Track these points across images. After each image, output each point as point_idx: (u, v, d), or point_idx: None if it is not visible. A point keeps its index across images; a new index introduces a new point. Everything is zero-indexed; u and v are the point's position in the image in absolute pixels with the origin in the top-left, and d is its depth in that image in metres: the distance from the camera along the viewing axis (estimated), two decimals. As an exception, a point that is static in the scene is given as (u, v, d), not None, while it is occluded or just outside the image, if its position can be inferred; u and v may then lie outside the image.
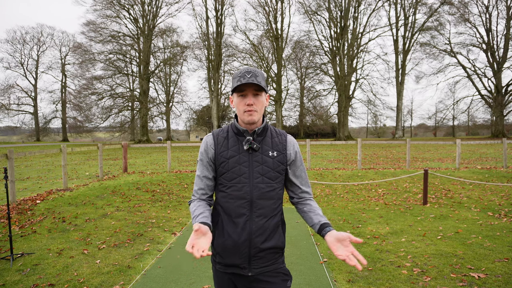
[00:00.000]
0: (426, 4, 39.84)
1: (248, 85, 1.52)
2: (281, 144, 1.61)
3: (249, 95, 1.53)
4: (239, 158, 1.55)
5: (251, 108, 1.52)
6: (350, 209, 6.97)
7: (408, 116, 59.02)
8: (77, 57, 44.99)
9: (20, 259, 4.16)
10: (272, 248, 1.56)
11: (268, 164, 1.56)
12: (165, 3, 40.29)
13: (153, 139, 51.62)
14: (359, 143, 11.31)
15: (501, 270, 3.67)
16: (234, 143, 1.58)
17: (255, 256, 1.54)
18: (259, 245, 1.53)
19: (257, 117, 1.54)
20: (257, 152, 1.56)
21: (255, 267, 1.55)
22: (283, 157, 1.59)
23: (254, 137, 1.57)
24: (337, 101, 41.54)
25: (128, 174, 10.71)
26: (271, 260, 1.58)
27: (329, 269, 3.88)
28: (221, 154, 1.57)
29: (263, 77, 1.57)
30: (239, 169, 1.54)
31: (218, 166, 1.57)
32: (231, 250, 1.54)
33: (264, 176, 1.55)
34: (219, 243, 1.57)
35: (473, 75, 39.70)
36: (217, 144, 1.59)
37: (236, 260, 1.54)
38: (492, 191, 8.08)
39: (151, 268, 3.96)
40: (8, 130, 57.70)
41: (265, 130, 1.61)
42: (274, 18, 39.85)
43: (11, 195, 6.46)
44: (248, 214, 1.53)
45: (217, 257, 1.60)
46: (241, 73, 1.53)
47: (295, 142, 1.66)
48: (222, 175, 1.57)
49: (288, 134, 1.68)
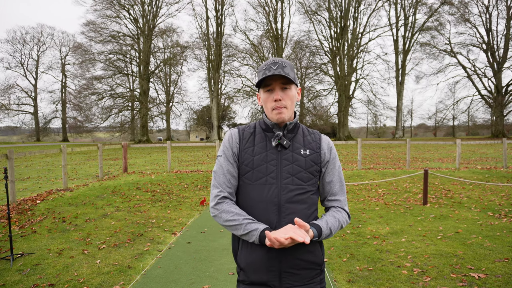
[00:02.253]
0: (426, 4, 39.88)
1: (275, 78, 1.34)
2: (314, 142, 1.42)
3: (277, 90, 1.35)
4: (266, 156, 1.36)
5: (279, 104, 1.34)
6: (350, 209, 6.97)
7: (408, 116, 59.05)
8: (77, 57, 45.03)
9: (20, 259, 4.16)
10: (307, 262, 1.34)
11: (299, 163, 1.36)
12: (165, 3, 40.33)
13: (153, 139, 51.63)
14: (359, 143, 11.31)
15: (501, 270, 3.67)
16: (261, 139, 1.40)
17: (286, 272, 1.32)
18: (291, 257, 1.31)
19: (288, 115, 1.37)
20: (287, 150, 1.37)
21: (287, 284, 1.32)
22: (317, 156, 1.40)
23: (284, 133, 1.39)
24: (337, 101, 41.56)
25: (128, 174, 10.71)
26: (306, 278, 1.35)
27: (329, 269, 3.88)
28: (245, 150, 1.38)
29: (292, 68, 1.38)
30: (266, 167, 1.35)
31: (241, 164, 1.38)
32: (257, 264, 1.32)
33: (295, 176, 1.35)
34: (242, 257, 1.36)
35: (473, 75, 39.73)
36: (243, 139, 1.41)
37: (263, 277, 1.32)
38: (492, 191, 8.08)
39: (151, 268, 3.96)
40: (8, 130, 57.70)
41: (296, 126, 1.43)
42: (274, 18, 39.87)
43: (11, 195, 6.46)
44: (277, 220, 1.31)
45: (242, 275, 1.38)
46: (266, 66, 1.35)
47: (330, 141, 1.48)
48: (246, 174, 1.37)
49: (322, 134, 1.51)
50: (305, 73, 47.67)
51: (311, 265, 1.36)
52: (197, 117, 54.46)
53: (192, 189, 9.03)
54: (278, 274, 1.32)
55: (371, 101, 44.96)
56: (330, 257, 4.24)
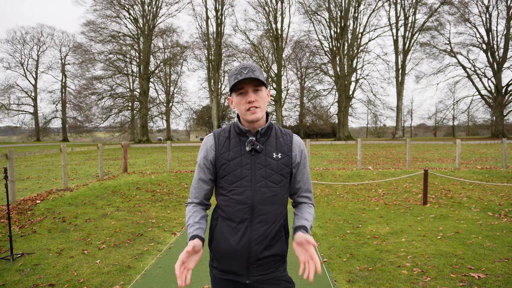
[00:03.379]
0: (426, 4, 39.86)
1: (247, 81, 1.41)
2: (286, 145, 1.50)
3: (249, 92, 1.43)
4: (240, 160, 1.45)
5: (253, 105, 1.42)
6: (350, 209, 6.97)
7: (408, 116, 59.04)
8: (77, 57, 45.02)
9: (20, 259, 4.16)
10: (273, 256, 1.48)
11: (271, 166, 1.45)
12: (165, 3, 40.34)
13: (153, 139, 51.63)
14: (359, 143, 11.32)
15: (501, 270, 3.67)
16: (236, 144, 1.48)
17: (253, 263, 1.45)
18: (258, 253, 1.44)
19: (261, 114, 1.44)
20: (260, 154, 1.46)
21: (253, 275, 1.46)
22: (288, 159, 1.49)
23: (257, 137, 1.47)
24: (337, 101, 41.54)
25: (128, 174, 10.71)
26: (271, 268, 1.49)
27: (329, 269, 3.88)
28: (222, 156, 1.47)
29: (261, 71, 1.47)
30: (240, 171, 1.44)
31: (219, 168, 1.47)
32: (228, 256, 1.46)
33: (267, 179, 1.45)
34: (216, 248, 1.50)
35: (473, 75, 39.73)
36: (218, 145, 1.49)
37: (233, 267, 1.47)
38: (492, 191, 8.08)
39: (151, 268, 3.96)
40: (8, 130, 57.72)
41: (269, 129, 1.50)
42: (274, 18, 39.86)
43: (11, 195, 6.46)
44: (249, 220, 1.44)
45: (215, 262, 1.53)
46: (237, 70, 1.42)
47: (301, 142, 1.56)
48: (223, 177, 1.47)
49: (294, 134, 1.58)
50: (305, 73, 47.70)
51: (276, 257, 1.49)
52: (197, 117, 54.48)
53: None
54: (246, 265, 1.45)
55: (371, 101, 44.99)
56: (330, 257, 4.24)
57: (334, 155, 18.50)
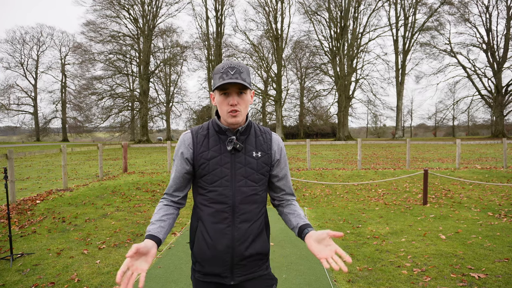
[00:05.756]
0: (426, 4, 39.87)
1: (232, 84, 1.36)
2: (265, 143, 1.49)
3: (233, 94, 1.38)
4: (220, 159, 1.42)
5: (234, 108, 1.38)
6: (350, 209, 6.97)
7: (408, 116, 59.00)
8: (77, 57, 45.05)
9: (20, 259, 4.16)
10: (256, 254, 1.46)
11: (252, 165, 1.44)
12: (165, 3, 40.33)
13: (153, 139, 51.60)
14: (359, 143, 11.31)
15: (501, 270, 3.67)
16: (215, 142, 1.44)
17: (238, 264, 1.42)
18: (242, 252, 1.42)
19: (241, 118, 1.41)
20: (240, 153, 1.43)
21: (238, 276, 1.44)
22: (268, 158, 1.48)
23: (237, 136, 1.44)
24: (337, 101, 41.54)
25: (128, 174, 10.71)
26: (255, 267, 1.47)
27: (329, 269, 3.88)
28: (200, 155, 1.43)
29: (248, 73, 1.42)
30: (220, 171, 1.41)
31: (198, 168, 1.44)
32: (211, 258, 1.42)
33: (247, 178, 1.43)
34: (198, 250, 1.46)
35: (473, 75, 39.73)
36: (197, 143, 1.45)
37: (216, 269, 1.43)
38: (492, 191, 8.08)
39: (151, 268, 3.96)
40: (8, 130, 57.73)
41: (248, 128, 1.47)
42: (274, 18, 39.85)
43: (11, 195, 6.45)
44: (230, 219, 1.41)
45: (197, 266, 1.48)
46: (224, 69, 1.37)
47: (280, 140, 1.55)
48: (202, 177, 1.44)
49: (273, 132, 1.56)
50: (305, 73, 47.71)
51: (260, 256, 1.48)
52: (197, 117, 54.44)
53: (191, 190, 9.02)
54: (230, 267, 1.42)
55: (371, 101, 45.01)
56: (330, 257, 4.24)
57: (334, 155, 18.50)
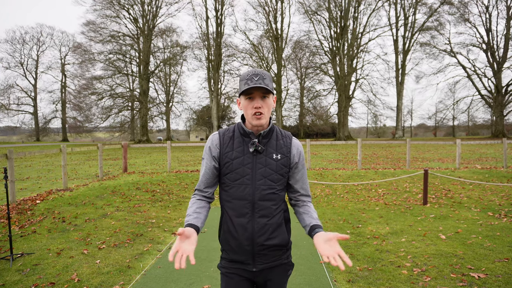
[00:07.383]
0: (426, 4, 39.88)
1: (256, 88, 1.53)
2: (285, 147, 1.63)
3: (257, 98, 1.55)
4: (243, 160, 1.58)
5: (259, 110, 1.54)
6: (350, 209, 6.97)
7: (408, 116, 59.02)
8: (77, 57, 45.10)
9: (20, 259, 4.16)
10: (275, 245, 1.60)
11: (271, 166, 1.58)
12: (165, 3, 40.35)
13: (153, 139, 51.61)
14: (359, 143, 11.31)
15: (501, 270, 3.67)
16: (239, 144, 1.60)
17: (258, 253, 1.59)
18: (262, 243, 1.57)
19: (265, 121, 1.56)
20: (262, 154, 1.59)
21: (259, 263, 1.60)
22: (287, 160, 1.62)
23: (259, 139, 1.59)
24: (337, 101, 41.54)
25: (128, 174, 10.71)
26: (275, 256, 1.62)
27: (329, 269, 3.88)
28: (226, 155, 1.59)
29: (271, 79, 1.59)
30: (242, 170, 1.57)
31: (222, 166, 1.60)
32: (235, 247, 1.59)
33: (267, 178, 1.57)
34: (224, 240, 1.63)
35: (473, 75, 39.73)
36: (223, 144, 1.61)
37: (240, 257, 1.60)
38: (492, 191, 8.08)
39: (151, 268, 3.96)
40: (8, 130, 57.71)
41: (270, 132, 1.63)
42: (274, 18, 39.87)
43: (11, 195, 6.45)
44: (251, 214, 1.56)
45: (223, 253, 1.68)
46: (248, 76, 1.54)
47: (299, 145, 1.69)
48: (226, 175, 1.60)
49: (293, 137, 1.71)
50: (305, 73, 47.70)
51: (279, 247, 1.62)
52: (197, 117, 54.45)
53: (192, 189, 9.02)
54: (252, 256, 1.59)
55: (371, 101, 45.02)
56: (330, 257, 4.24)
57: (334, 155, 18.50)
